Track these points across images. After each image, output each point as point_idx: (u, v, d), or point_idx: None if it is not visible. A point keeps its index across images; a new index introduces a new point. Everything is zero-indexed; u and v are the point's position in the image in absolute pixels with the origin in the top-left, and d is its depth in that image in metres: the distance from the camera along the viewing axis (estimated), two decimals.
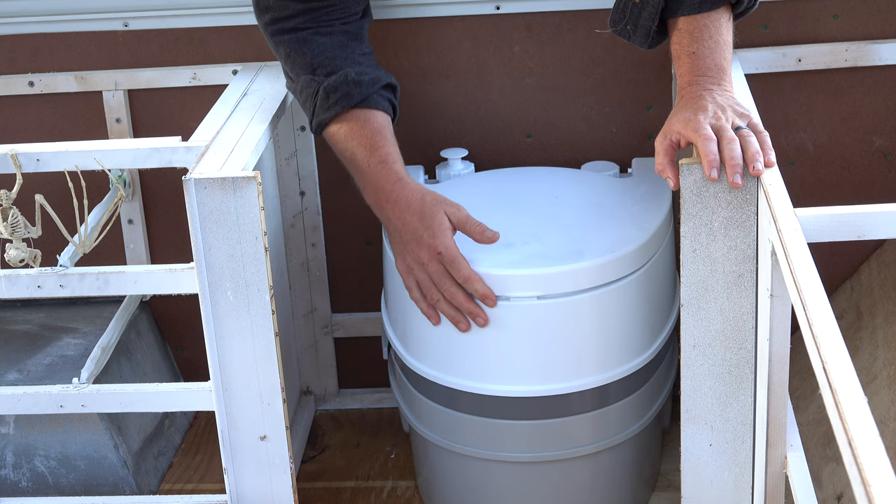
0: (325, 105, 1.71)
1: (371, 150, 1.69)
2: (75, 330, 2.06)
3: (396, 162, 1.69)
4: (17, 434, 1.91)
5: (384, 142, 1.70)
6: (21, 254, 1.57)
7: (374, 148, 1.69)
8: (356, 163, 1.70)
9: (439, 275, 1.62)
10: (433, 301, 1.65)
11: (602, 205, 1.78)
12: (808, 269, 1.14)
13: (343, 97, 1.70)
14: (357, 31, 1.77)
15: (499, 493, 1.76)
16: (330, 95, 1.70)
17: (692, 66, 1.54)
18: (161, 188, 2.08)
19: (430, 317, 1.66)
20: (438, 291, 1.63)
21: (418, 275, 1.65)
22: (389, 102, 1.75)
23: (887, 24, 1.93)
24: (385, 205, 1.67)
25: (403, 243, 1.66)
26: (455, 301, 1.63)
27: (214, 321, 1.57)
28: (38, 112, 2.05)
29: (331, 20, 1.75)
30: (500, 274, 1.62)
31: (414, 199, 1.65)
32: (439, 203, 1.64)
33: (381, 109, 1.73)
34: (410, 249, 1.65)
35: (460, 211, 1.64)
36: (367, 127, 1.70)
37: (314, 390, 2.19)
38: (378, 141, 1.70)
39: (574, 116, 2.02)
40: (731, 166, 1.39)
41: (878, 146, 1.99)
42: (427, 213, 1.63)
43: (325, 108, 1.71)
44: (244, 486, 1.66)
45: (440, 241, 1.62)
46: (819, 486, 1.67)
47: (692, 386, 1.51)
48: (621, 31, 1.67)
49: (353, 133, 1.70)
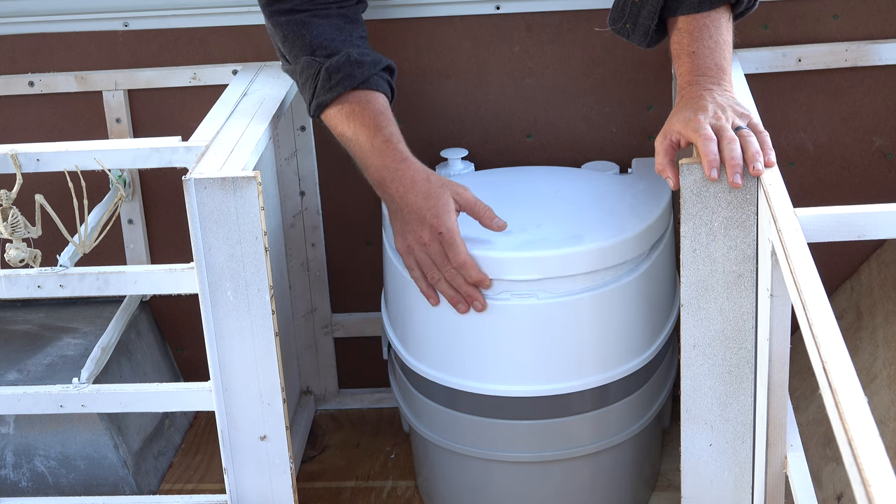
0: (326, 85, 1.70)
1: (375, 129, 1.68)
2: (75, 330, 2.06)
3: (401, 142, 1.68)
4: (17, 434, 1.91)
5: (388, 122, 1.69)
6: (21, 254, 1.57)
7: (377, 128, 1.68)
8: (359, 143, 1.69)
9: (440, 256, 1.62)
10: (433, 281, 1.64)
11: (602, 199, 1.78)
12: (808, 269, 1.14)
13: (346, 77, 1.69)
14: (353, 16, 1.78)
15: (499, 493, 1.76)
16: (332, 76, 1.70)
17: (692, 65, 1.54)
18: (161, 188, 2.08)
19: (428, 297, 1.65)
20: (439, 272, 1.63)
21: (418, 255, 1.64)
22: (389, 85, 1.75)
23: (887, 24, 1.93)
24: (389, 184, 1.66)
25: (405, 222, 1.65)
26: (454, 283, 1.62)
27: (214, 321, 1.57)
28: (38, 112, 2.05)
29: (327, 3, 1.75)
30: (497, 257, 1.62)
31: (419, 178, 1.64)
32: (445, 184, 1.64)
33: (382, 91, 1.72)
34: (412, 229, 1.64)
35: (467, 192, 1.64)
36: (370, 108, 1.70)
37: (314, 390, 2.19)
38: (381, 121, 1.69)
39: (574, 116, 2.02)
40: (731, 166, 1.39)
41: (878, 146, 1.99)
42: (433, 193, 1.63)
43: (327, 88, 1.70)
44: (244, 486, 1.66)
45: (443, 222, 1.61)
46: (819, 486, 1.67)
47: (692, 386, 1.51)
48: (620, 30, 1.67)
49: (356, 114, 1.69)
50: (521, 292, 1.63)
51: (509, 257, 1.62)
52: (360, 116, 1.69)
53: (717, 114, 1.45)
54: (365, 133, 1.68)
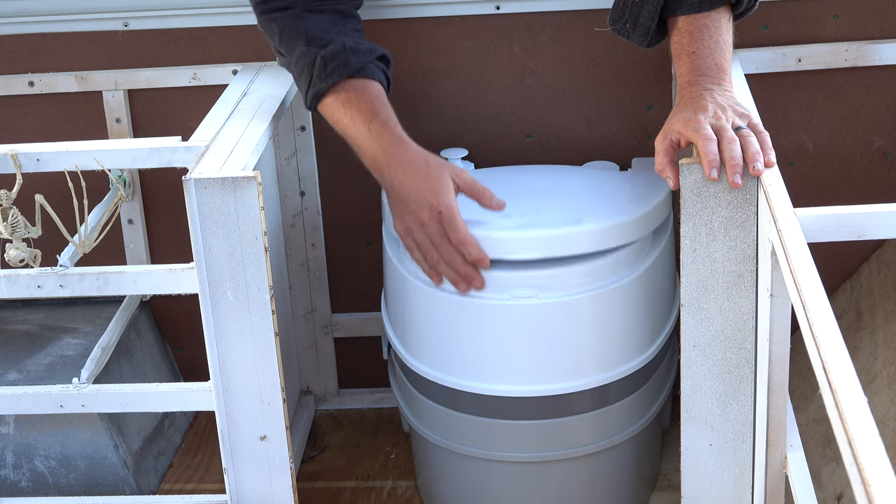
0: (322, 74, 1.70)
1: (371, 115, 1.67)
2: (75, 330, 2.06)
3: (398, 126, 1.68)
4: (17, 434, 1.91)
5: (384, 107, 1.69)
6: (21, 254, 1.57)
7: (374, 113, 1.67)
8: (356, 128, 1.68)
9: (438, 236, 1.62)
10: (433, 262, 1.64)
11: (602, 191, 1.78)
12: (808, 269, 1.14)
13: (341, 65, 1.70)
14: (348, 11, 1.78)
15: (499, 493, 1.76)
16: (328, 64, 1.70)
17: (692, 65, 1.54)
18: (161, 188, 2.08)
19: (431, 277, 1.65)
20: (437, 253, 1.63)
21: (417, 235, 1.64)
22: (384, 74, 1.75)
23: (887, 24, 1.93)
24: (387, 167, 1.66)
25: (404, 203, 1.64)
26: (452, 264, 1.62)
27: (214, 321, 1.57)
28: (38, 112, 2.05)
29: (322, 0, 1.75)
30: (497, 237, 1.62)
31: (418, 159, 1.64)
32: (444, 165, 1.64)
33: (377, 80, 1.73)
34: (411, 210, 1.63)
35: (465, 173, 1.65)
36: (366, 94, 1.70)
37: (314, 390, 2.19)
38: (378, 107, 1.69)
39: (574, 116, 2.02)
40: (732, 166, 1.39)
41: (878, 146, 1.99)
42: (432, 173, 1.63)
43: (323, 76, 1.70)
44: (244, 486, 1.66)
45: (442, 201, 1.61)
46: (819, 486, 1.67)
47: (692, 386, 1.51)
48: (620, 30, 1.67)
49: (352, 100, 1.69)
50: (521, 283, 1.63)
51: (509, 237, 1.62)
52: (356, 103, 1.69)
53: (717, 114, 1.45)
54: (361, 119, 1.68)
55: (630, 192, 1.76)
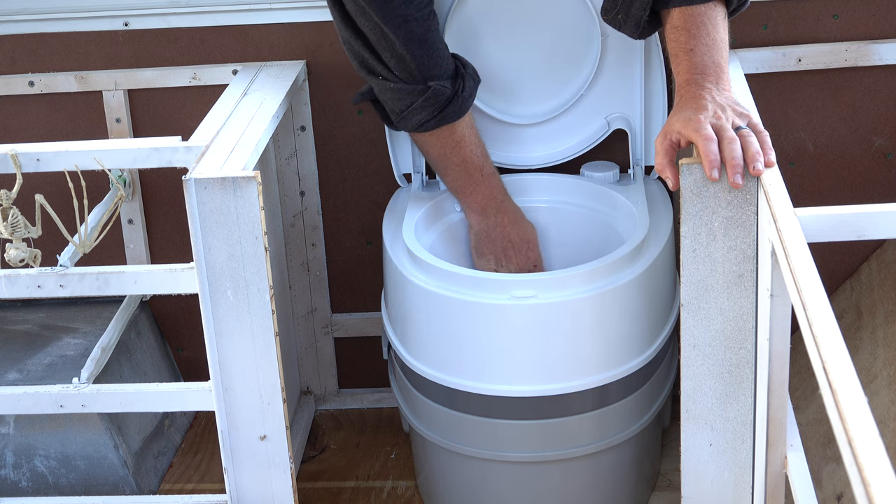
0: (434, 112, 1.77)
1: (484, 158, 1.85)
2: (75, 330, 2.06)
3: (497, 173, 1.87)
4: (17, 434, 1.91)
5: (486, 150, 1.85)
6: (21, 254, 1.57)
7: (485, 156, 1.85)
8: (467, 169, 1.83)
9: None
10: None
11: None
12: (808, 269, 1.14)
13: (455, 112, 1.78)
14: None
15: (499, 493, 1.76)
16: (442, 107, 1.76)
17: (690, 64, 1.54)
18: (161, 188, 2.08)
19: None
20: None
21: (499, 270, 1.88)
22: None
23: (887, 24, 1.93)
24: (494, 214, 1.86)
25: (492, 242, 1.87)
26: None
27: (214, 321, 1.57)
28: (38, 112, 2.05)
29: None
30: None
31: (519, 216, 1.88)
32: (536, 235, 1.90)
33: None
34: (503, 249, 1.87)
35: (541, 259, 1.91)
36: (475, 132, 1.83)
37: (314, 390, 2.19)
38: (486, 150, 1.85)
39: None
40: (732, 166, 1.39)
41: (878, 146, 1.99)
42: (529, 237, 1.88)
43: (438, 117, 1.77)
44: (244, 486, 1.66)
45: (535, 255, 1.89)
46: (819, 486, 1.67)
47: (692, 386, 1.51)
48: (612, 20, 1.67)
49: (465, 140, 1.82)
50: (521, 283, 1.63)
51: None
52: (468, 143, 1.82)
53: (717, 113, 1.45)
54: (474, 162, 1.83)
55: None
